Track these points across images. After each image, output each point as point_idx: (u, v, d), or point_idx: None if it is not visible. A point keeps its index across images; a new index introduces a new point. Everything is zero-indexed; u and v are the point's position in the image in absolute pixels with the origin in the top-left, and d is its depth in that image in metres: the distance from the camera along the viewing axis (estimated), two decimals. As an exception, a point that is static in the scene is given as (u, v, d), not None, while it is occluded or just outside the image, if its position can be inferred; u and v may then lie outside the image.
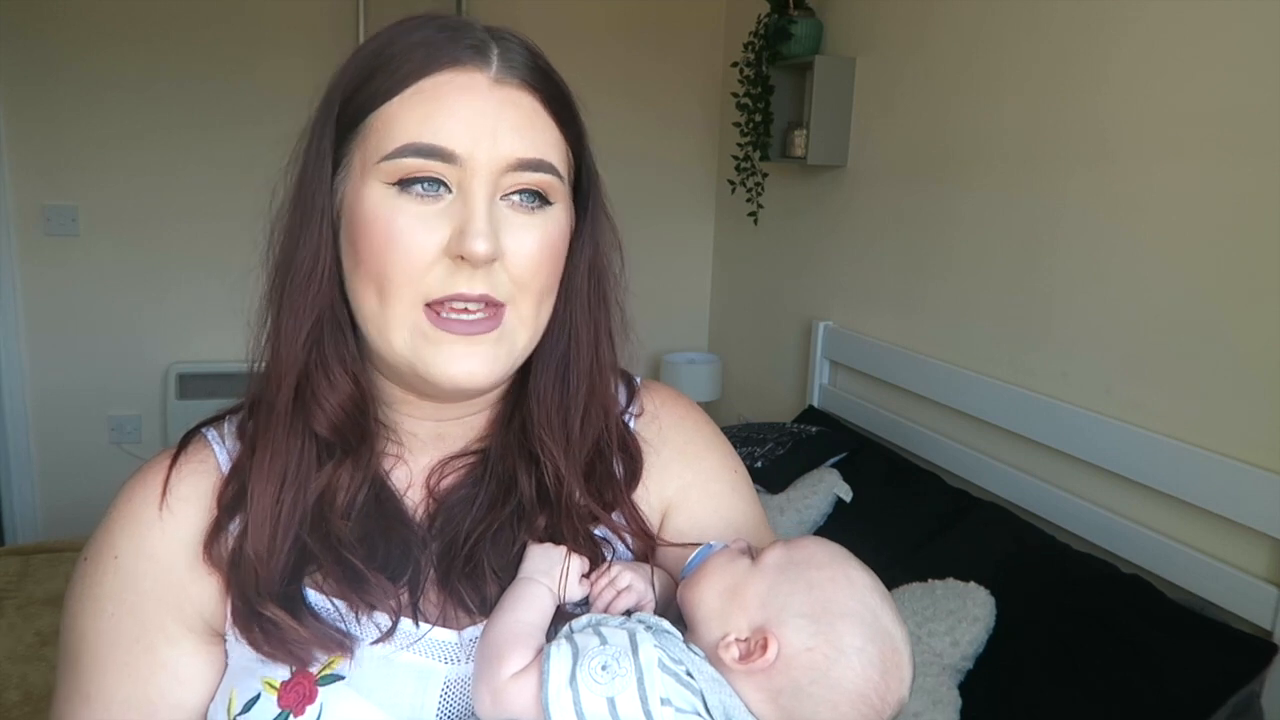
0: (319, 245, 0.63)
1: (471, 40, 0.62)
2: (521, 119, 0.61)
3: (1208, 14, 1.51)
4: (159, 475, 0.66)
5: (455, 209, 0.60)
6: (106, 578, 0.64)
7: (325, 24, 2.82)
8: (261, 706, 0.61)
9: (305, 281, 0.63)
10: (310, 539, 0.63)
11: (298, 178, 0.64)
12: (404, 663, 0.62)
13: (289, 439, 0.64)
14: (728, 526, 0.73)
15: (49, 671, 1.71)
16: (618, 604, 0.64)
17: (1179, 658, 1.38)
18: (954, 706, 1.45)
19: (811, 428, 2.36)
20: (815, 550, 0.63)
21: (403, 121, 0.60)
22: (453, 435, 0.71)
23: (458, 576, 0.64)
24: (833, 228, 2.61)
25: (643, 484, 0.73)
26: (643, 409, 0.77)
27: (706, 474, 0.76)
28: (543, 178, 0.62)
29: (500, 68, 0.61)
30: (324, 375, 0.65)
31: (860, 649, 0.58)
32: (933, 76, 2.17)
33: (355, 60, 0.63)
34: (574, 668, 0.56)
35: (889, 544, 1.79)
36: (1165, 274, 1.60)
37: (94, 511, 0.70)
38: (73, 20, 2.65)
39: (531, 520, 0.67)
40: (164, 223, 2.81)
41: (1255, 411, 1.45)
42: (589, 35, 3.07)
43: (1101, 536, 1.70)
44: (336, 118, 0.63)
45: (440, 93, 0.60)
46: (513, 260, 0.61)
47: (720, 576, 0.62)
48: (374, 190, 0.60)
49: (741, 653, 0.59)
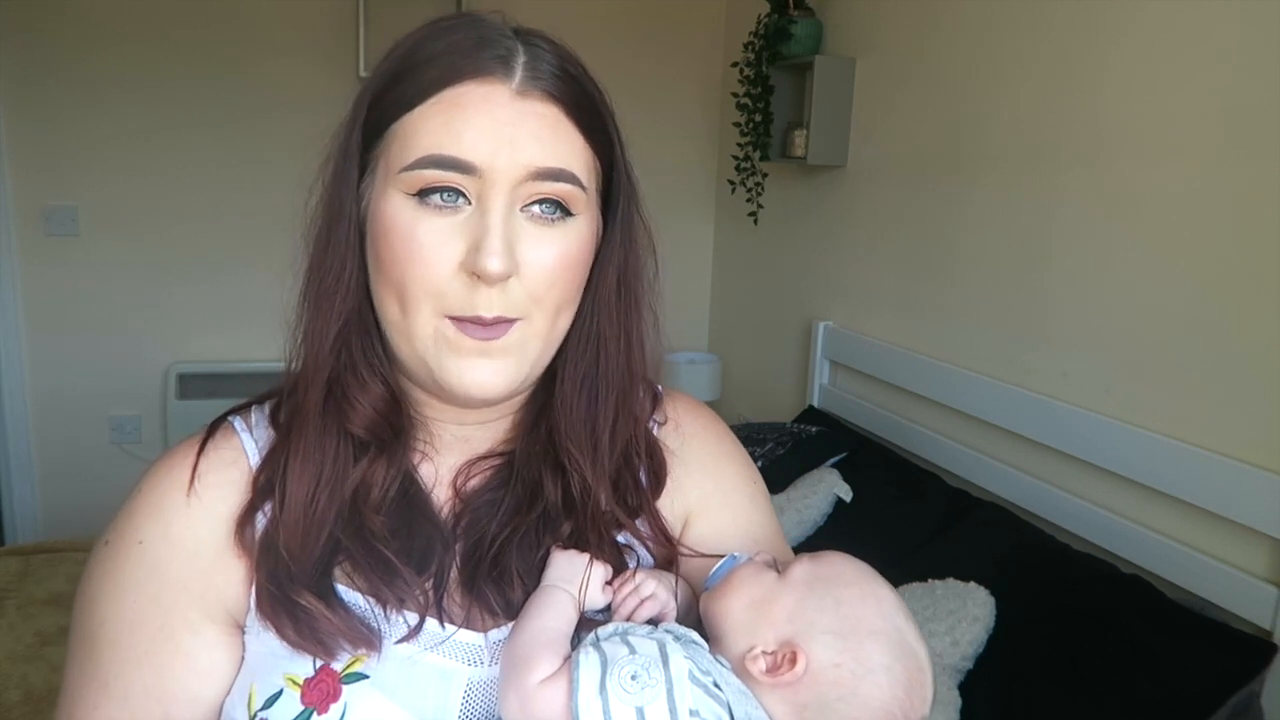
0: (345, 250, 0.64)
1: (498, 50, 0.61)
2: (543, 128, 0.61)
3: (1208, 14, 1.51)
4: (187, 461, 0.66)
5: (473, 222, 0.60)
6: (129, 563, 0.64)
7: (325, 24, 2.82)
8: (284, 703, 0.60)
9: (333, 285, 0.64)
10: (343, 534, 0.63)
11: (329, 179, 0.65)
12: (428, 663, 0.62)
13: (322, 439, 0.65)
14: (746, 537, 0.73)
15: (49, 671, 1.71)
16: (640, 612, 0.64)
17: (1179, 658, 1.38)
18: (954, 706, 1.45)
19: (811, 428, 2.36)
20: (844, 567, 0.63)
21: (423, 132, 0.60)
22: (477, 438, 0.71)
23: (483, 579, 0.65)
24: (833, 228, 2.61)
25: (665, 492, 0.73)
26: (666, 417, 0.77)
27: (727, 485, 0.77)
28: (563, 187, 0.62)
29: (524, 79, 0.61)
30: (353, 377, 0.66)
31: (888, 667, 0.59)
32: (933, 76, 2.17)
33: (386, 62, 0.63)
34: (603, 676, 0.56)
35: (889, 544, 1.79)
36: (1165, 274, 1.60)
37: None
38: (73, 20, 2.65)
39: (557, 526, 0.67)
40: (164, 223, 2.81)
41: (1255, 412, 1.45)
42: (589, 35, 3.05)
43: (1101, 536, 1.70)
44: (364, 121, 0.63)
45: (461, 103, 0.60)
46: (529, 274, 0.61)
47: (747, 589, 0.63)
48: (394, 200, 0.61)
49: (769, 665, 0.59)
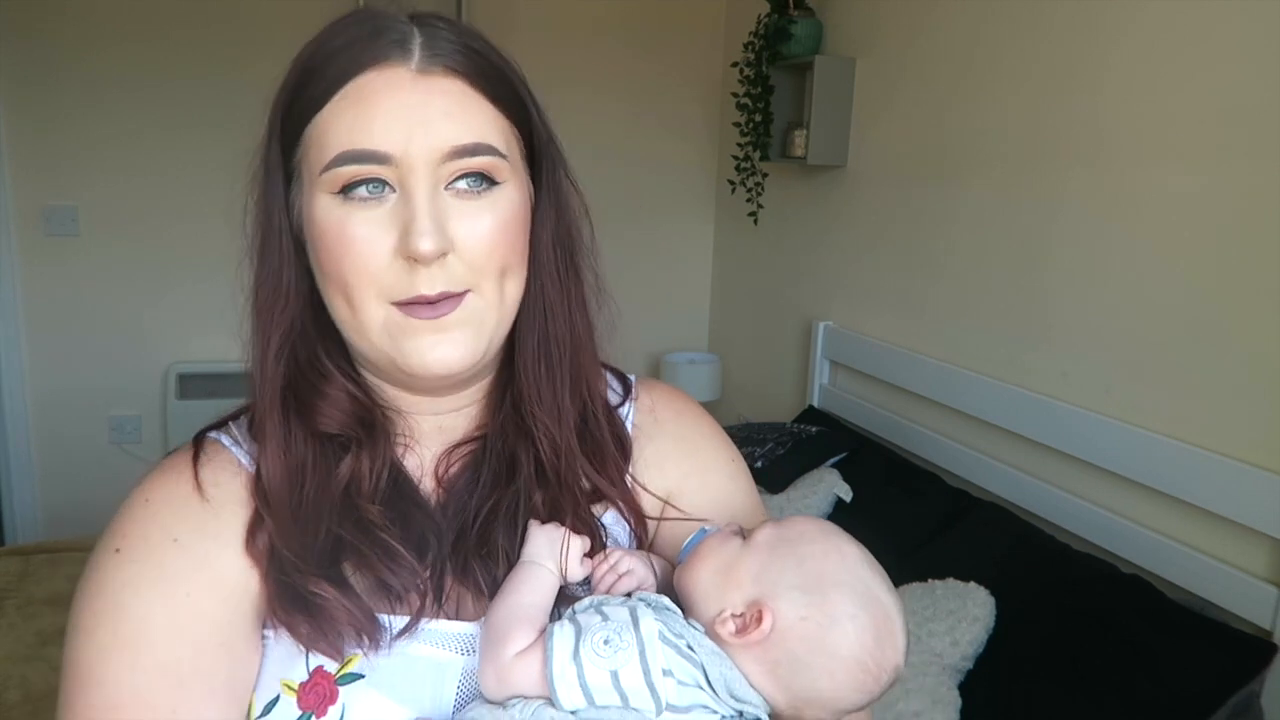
0: (280, 263, 0.64)
1: (393, 35, 0.61)
2: (451, 105, 0.61)
3: (1208, 14, 1.51)
4: (185, 471, 0.66)
5: (400, 208, 0.60)
6: (169, 560, 0.62)
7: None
8: (281, 709, 0.60)
9: (270, 299, 0.65)
10: (343, 528, 0.63)
11: (256, 196, 0.65)
12: (421, 656, 0.62)
13: (294, 445, 0.65)
14: (727, 515, 0.74)
15: (49, 671, 1.71)
16: (619, 587, 0.65)
17: (1179, 658, 1.38)
18: (954, 706, 1.45)
19: (811, 428, 2.36)
20: (806, 527, 0.65)
21: (334, 130, 0.60)
22: (452, 427, 0.72)
23: (472, 555, 0.65)
24: (833, 228, 2.61)
25: (643, 474, 0.74)
26: (639, 401, 0.78)
27: (704, 464, 0.77)
28: (483, 160, 0.62)
29: (423, 58, 0.61)
30: (306, 382, 0.66)
31: (853, 615, 0.60)
32: (933, 77, 2.17)
33: (290, 71, 0.64)
34: (577, 643, 0.57)
35: (889, 544, 1.78)
36: (1164, 274, 1.60)
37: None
38: (73, 20, 2.65)
39: (531, 496, 0.68)
40: (164, 223, 2.81)
41: (1255, 412, 1.45)
42: (589, 35, 3.07)
43: (1101, 536, 1.70)
44: (281, 132, 0.63)
45: (365, 94, 0.60)
46: (465, 247, 0.61)
47: (714, 557, 0.64)
48: (321, 201, 0.61)
49: (737, 627, 0.60)
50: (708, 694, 0.58)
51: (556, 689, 0.56)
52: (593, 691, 0.55)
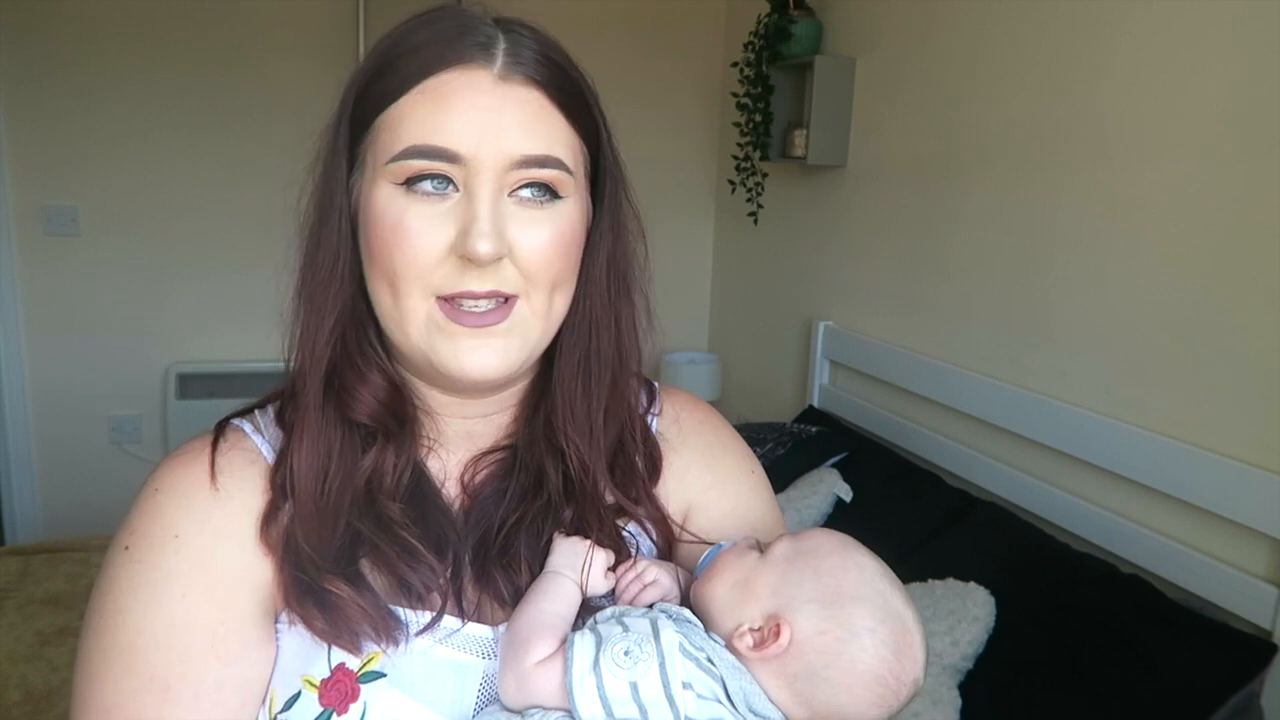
0: (337, 244, 0.64)
1: (478, 37, 0.61)
2: (526, 115, 0.61)
3: (1208, 14, 1.51)
4: (202, 458, 0.66)
5: (461, 208, 0.61)
6: (168, 559, 0.62)
7: (325, 24, 2.82)
8: (303, 705, 0.60)
9: (326, 279, 0.64)
10: (363, 523, 0.63)
11: (319, 175, 0.65)
12: (443, 658, 0.62)
13: (326, 430, 0.65)
14: (746, 527, 0.74)
15: (49, 671, 1.71)
16: (643, 597, 0.65)
17: (1179, 658, 1.38)
18: (954, 706, 1.45)
19: (811, 428, 2.36)
20: (822, 540, 0.64)
21: (408, 123, 0.60)
22: (481, 433, 0.71)
23: (494, 565, 0.65)
24: (833, 228, 2.61)
25: (665, 484, 0.74)
26: (663, 409, 0.78)
27: (726, 475, 0.77)
28: (549, 173, 0.62)
29: (505, 64, 0.61)
30: (351, 368, 0.66)
31: (872, 629, 0.59)
32: (933, 76, 2.17)
33: (369, 58, 0.64)
34: (597, 654, 0.57)
35: (889, 544, 1.78)
36: (1165, 274, 1.60)
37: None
38: (73, 20, 2.65)
39: (560, 513, 0.68)
40: (164, 223, 2.81)
41: (1255, 412, 1.45)
42: (588, 35, 3.07)
43: (1101, 536, 1.70)
44: (350, 116, 0.63)
45: (444, 92, 0.60)
46: (521, 255, 0.62)
47: (731, 571, 0.63)
48: (383, 190, 0.61)
49: (755, 641, 0.60)
50: (727, 708, 0.58)
51: (575, 699, 0.55)
52: (612, 703, 0.55)
